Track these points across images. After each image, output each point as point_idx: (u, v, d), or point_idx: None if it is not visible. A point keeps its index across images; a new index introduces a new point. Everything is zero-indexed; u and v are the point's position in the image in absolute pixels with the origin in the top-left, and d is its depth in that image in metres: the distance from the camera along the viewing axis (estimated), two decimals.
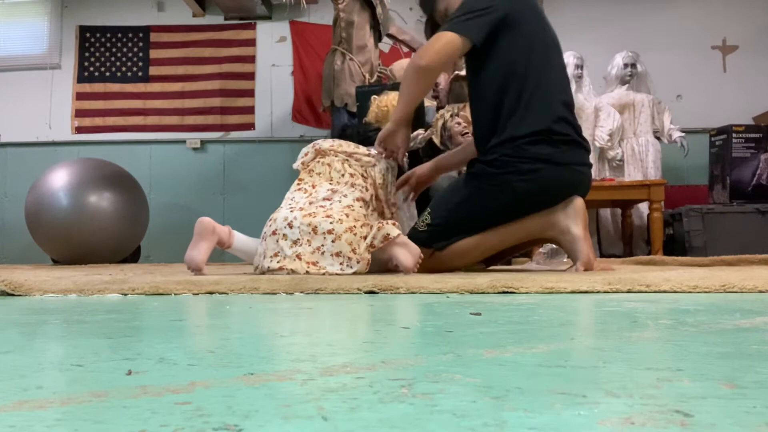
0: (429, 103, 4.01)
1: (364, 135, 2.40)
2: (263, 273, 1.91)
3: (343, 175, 2.09)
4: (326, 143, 2.20)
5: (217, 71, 5.65)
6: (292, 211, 1.96)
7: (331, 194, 2.02)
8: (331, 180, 2.09)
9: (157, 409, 0.34)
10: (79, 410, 0.35)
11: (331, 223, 1.87)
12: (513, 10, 1.90)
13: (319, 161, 2.14)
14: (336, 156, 2.14)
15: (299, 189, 2.09)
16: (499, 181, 1.89)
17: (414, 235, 1.99)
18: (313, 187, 2.08)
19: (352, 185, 2.05)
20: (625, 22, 5.36)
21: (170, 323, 0.79)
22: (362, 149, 2.19)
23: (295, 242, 1.88)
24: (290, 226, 1.91)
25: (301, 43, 5.64)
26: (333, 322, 0.79)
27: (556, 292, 1.16)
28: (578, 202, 1.92)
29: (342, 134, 2.45)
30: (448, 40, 1.88)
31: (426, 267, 1.93)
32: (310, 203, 1.99)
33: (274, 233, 1.94)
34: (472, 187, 1.96)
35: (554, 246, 2.32)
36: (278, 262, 1.88)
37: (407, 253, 1.80)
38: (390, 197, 2.19)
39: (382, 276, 1.60)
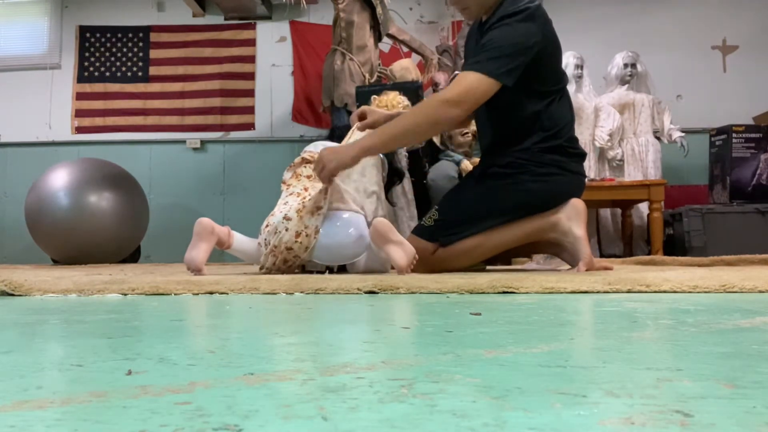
0: None
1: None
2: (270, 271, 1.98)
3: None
4: (311, 148, 2.21)
5: (217, 71, 5.65)
6: (288, 211, 1.97)
7: None
8: None
9: (157, 409, 0.34)
10: (79, 410, 0.35)
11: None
12: (544, 43, 1.87)
13: (305, 166, 2.15)
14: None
15: (291, 194, 2.09)
16: (512, 181, 1.94)
17: (420, 230, 2.02)
18: (306, 190, 2.08)
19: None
20: (625, 22, 5.36)
21: (170, 323, 0.79)
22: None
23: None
24: (286, 218, 1.96)
25: (301, 43, 5.63)
26: (333, 322, 0.79)
27: (556, 292, 1.16)
28: (579, 203, 1.97)
29: (331, 135, 2.44)
30: (486, 87, 1.80)
31: (428, 266, 1.94)
32: (305, 206, 1.99)
33: (276, 232, 1.97)
34: (483, 185, 1.98)
35: None
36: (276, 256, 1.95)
37: (402, 252, 1.81)
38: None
39: (382, 276, 1.60)
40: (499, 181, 1.95)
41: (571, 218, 1.94)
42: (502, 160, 1.95)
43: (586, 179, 2.12)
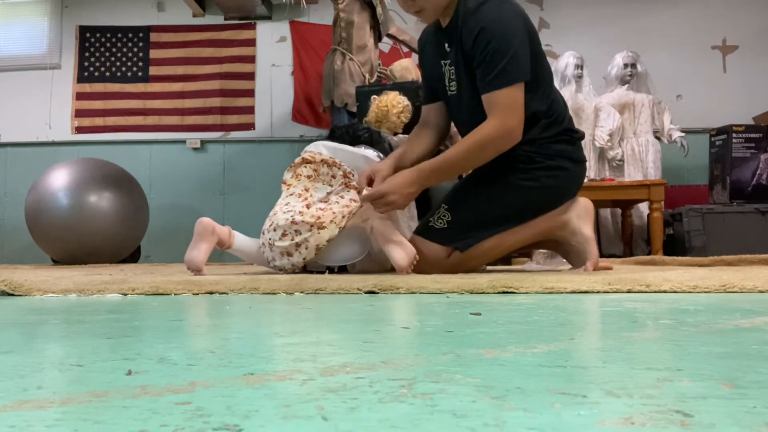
0: None
1: (353, 135, 2.38)
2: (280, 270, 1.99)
3: (334, 177, 2.08)
4: (311, 148, 2.19)
5: (217, 71, 5.65)
6: (293, 215, 1.95)
7: (328, 196, 2.02)
8: (323, 182, 2.09)
9: (157, 409, 0.34)
10: (79, 410, 0.35)
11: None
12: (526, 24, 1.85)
13: (306, 166, 2.14)
14: (319, 163, 2.13)
15: (291, 194, 2.07)
16: (528, 177, 1.87)
17: (432, 233, 1.92)
18: (306, 190, 2.07)
19: (347, 186, 2.05)
20: (625, 22, 5.36)
21: (170, 323, 0.79)
22: (346, 151, 2.17)
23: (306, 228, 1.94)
24: (294, 222, 1.93)
25: (301, 43, 5.64)
26: (333, 322, 0.79)
27: (556, 292, 1.16)
28: (588, 203, 1.97)
29: (331, 135, 2.43)
30: (521, 93, 1.79)
31: (443, 270, 1.85)
32: (308, 207, 1.98)
33: (284, 235, 1.94)
34: (498, 183, 1.89)
35: None
36: (300, 253, 1.94)
37: (402, 252, 1.80)
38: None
39: (382, 276, 1.60)
40: (513, 178, 1.87)
41: (581, 217, 1.93)
42: (510, 153, 1.86)
43: (586, 179, 2.11)
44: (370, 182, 1.96)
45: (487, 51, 1.77)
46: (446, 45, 1.92)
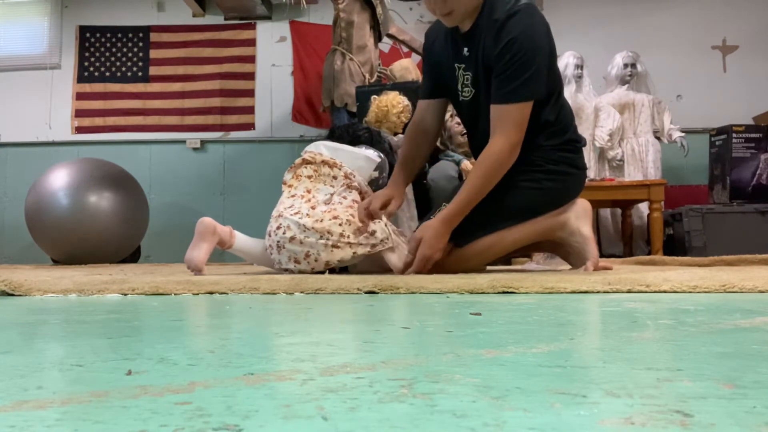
0: None
1: (353, 135, 2.38)
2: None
3: (335, 178, 2.08)
4: (311, 148, 2.19)
5: (217, 71, 5.65)
6: (300, 218, 1.95)
7: (330, 197, 2.02)
8: (325, 183, 2.08)
9: (157, 409, 0.34)
10: (79, 410, 0.35)
11: (340, 225, 1.91)
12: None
13: (306, 167, 2.14)
14: (320, 164, 2.12)
15: (293, 195, 2.07)
16: (529, 178, 1.89)
17: None
18: (309, 192, 2.07)
19: (348, 186, 2.05)
20: (625, 22, 5.37)
21: (170, 323, 0.79)
22: (347, 151, 2.17)
23: (323, 239, 1.92)
24: (305, 228, 1.92)
25: (301, 43, 5.64)
26: (333, 322, 0.79)
27: (556, 292, 1.16)
28: (586, 204, 1.99)
29: (331, 135, 2.44)
30: (528, 110, 1.80)
31: (443, 268, 1.87)
32: (312, 208, 1.98)
33: (293, 239, 1.92)
34: (498, 183, 1.89)
35: None
36: (308, 263, 1.92)
37: (400, 253, 1.82)
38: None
39: (382, 276, 1.60)
40: (513, 179, 1.88)
41: (580, 218, 1.94)
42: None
43: (586, 179, 2.12)
44: (384, 206, 1.96)
45: (512, 62, 1.78)
46: (465, 50, 1.91)
